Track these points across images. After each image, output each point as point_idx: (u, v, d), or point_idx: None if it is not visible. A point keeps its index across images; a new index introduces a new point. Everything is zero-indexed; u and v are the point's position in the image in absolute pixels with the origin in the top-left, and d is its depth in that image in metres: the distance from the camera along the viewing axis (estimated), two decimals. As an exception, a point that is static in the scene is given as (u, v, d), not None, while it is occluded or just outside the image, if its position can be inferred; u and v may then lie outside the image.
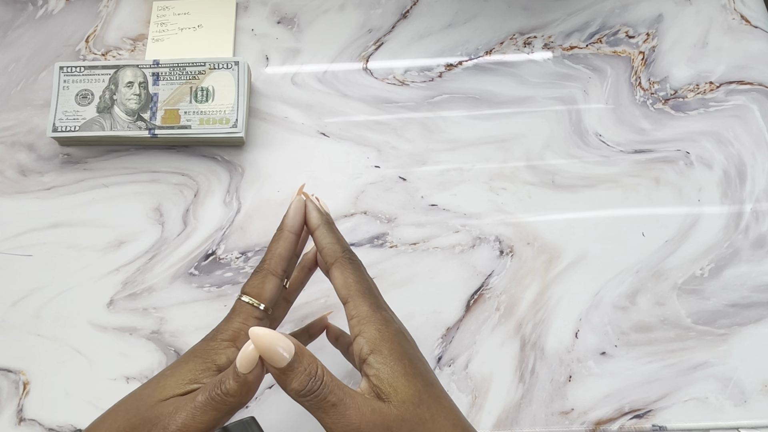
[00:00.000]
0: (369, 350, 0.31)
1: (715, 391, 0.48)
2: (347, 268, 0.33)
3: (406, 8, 0.61)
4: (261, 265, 0.36)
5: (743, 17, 0.61)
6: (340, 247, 0.34)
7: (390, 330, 0.32)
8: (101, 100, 0.53)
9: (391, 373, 0.30)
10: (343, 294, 0.33)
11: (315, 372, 0.29)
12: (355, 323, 0.32)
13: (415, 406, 0.30)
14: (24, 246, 0.52)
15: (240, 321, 0.34)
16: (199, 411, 0.30)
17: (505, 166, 0.55)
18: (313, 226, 0.35)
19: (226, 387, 0.30)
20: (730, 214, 0.53)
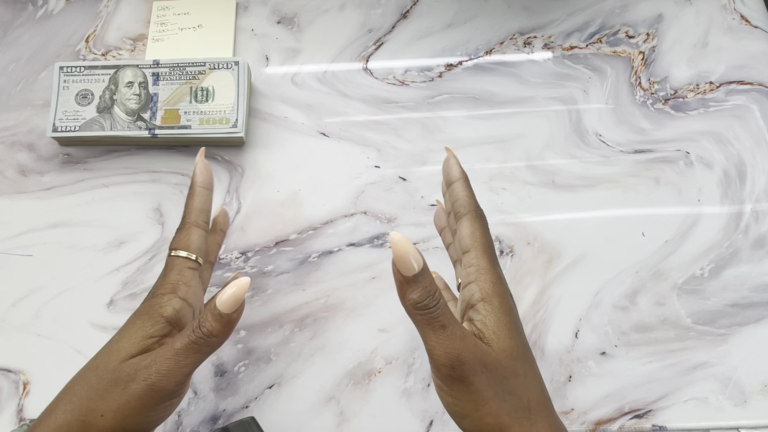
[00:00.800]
0: (480, 297, 0.32)
1: (715, 391, 0.48)
2: (477, 222, 0.35)
3: (406, 8, 0.61)
4: (183, 221, 0.38)
5: (743, 17, 0.61)
6: (474, 202, 0.36)
7: (503, 287, 0.33)
8: (101, 100, 0.53)
9: (497, 323, 0.31)
10: (467, 243, 0.34)
11: (434, 292, 0.31)
12: (472, 271, 0.33)
13: (513, 358, 0.31)
14: (24, 246, 0.52)
15: (175, 273, 0.36)
16: (181, 355, 0.32)
17: (505, 166, 0.55)
18: (454, 178, 0.37)
19: (209, 329, 0.33)
20: (730, 214, 0.53)
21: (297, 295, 0.50)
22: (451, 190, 0.37)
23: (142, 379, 0.32)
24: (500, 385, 0.30)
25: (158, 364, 0.32)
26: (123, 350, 0.33)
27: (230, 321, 0.33)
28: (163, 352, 0.33)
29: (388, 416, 0.47)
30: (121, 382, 0.32)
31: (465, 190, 0.36)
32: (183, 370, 0.33)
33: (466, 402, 0.31)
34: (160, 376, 0.32)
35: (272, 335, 0.49)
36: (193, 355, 0.33)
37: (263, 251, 0.52)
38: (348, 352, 0.49)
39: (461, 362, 0.30)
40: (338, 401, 0.47)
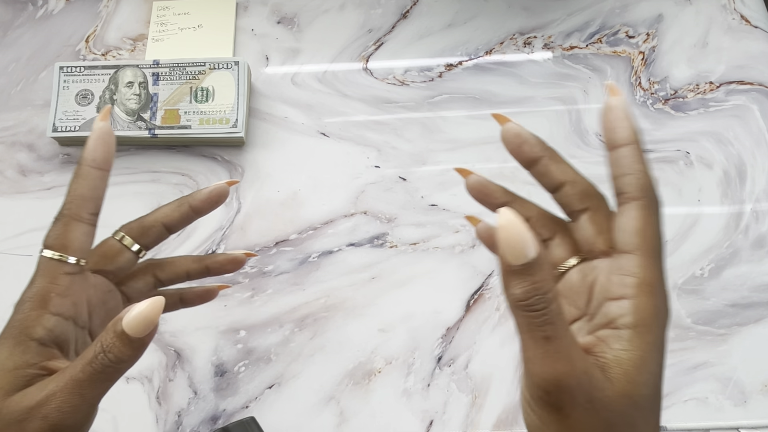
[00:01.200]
0: (632, 323, 0.25)
1: (715, 391, 0.48)
2: (651, 213, 0.26)
3: (406, 8, 0.61)
4: (61, 211, 0.29)
5: (743, 17, 0.61)
6: (652, 184, 0.26)
7: (665, 315, 0.26)
8: (101, 100, 0.53)
9: (637, 363, 0.24)
10: (632, 242, 0.26)
11: (546, 291, 0.23)
12: (632, 283, 0.25)
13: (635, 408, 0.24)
14: (24, 246, 0.52)
15: (46, 281, 0.28)
16: (86, 387, 0.26)
17: (505, 166, 0.55)
18: (622, 141, 0.27)
19: (117, 355, 0.26)
20: (730, 214, 0.53)
21: (297, 295, 0.50)
22: (616, 157, 0.28)
23: (39, 418, 0.26)
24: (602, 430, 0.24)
25: (59, 400, 0.26)
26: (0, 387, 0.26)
27: (142, 344, 0.27)
28: (61, 384, 0.26)
29: (388, 416, 0.47)
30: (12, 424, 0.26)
31: (639, 161, 0.27)
32: (89, 402, 0.27)
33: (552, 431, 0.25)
34: (63, 414, 0.26)
35: (272, 335, 0.49)
36: (100, 385, 0.27)
37: (263, 251, 0.52)
38: (348, 352, 0.49)
39: (560, 388, 0.23)
40: (338, 401, 0.47)
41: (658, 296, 0.25)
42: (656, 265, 0.25)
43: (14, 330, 0.28)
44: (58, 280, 0.28)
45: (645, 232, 0.26)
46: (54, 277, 0.28)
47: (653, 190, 0.26)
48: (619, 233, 0.26)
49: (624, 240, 0.26)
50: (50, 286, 0.28)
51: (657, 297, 0.25)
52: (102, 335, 0.26)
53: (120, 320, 0.26)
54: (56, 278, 0.28)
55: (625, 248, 0.26)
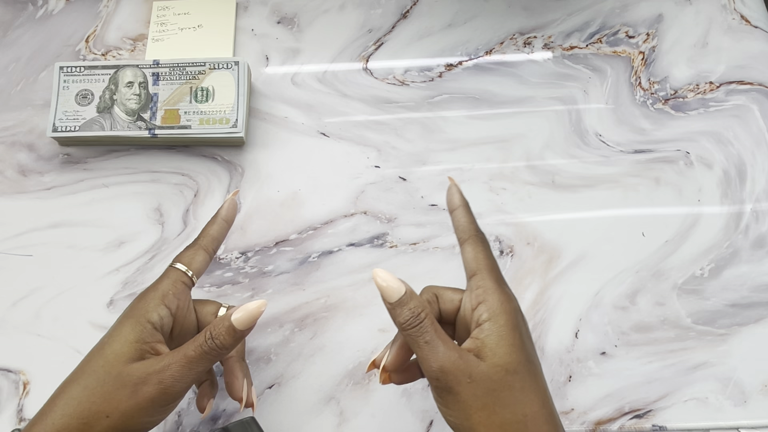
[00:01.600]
0: (487, 317, 0.34)
1: (715, 391, 0.48)
2: (479, 245, 0.37)
3: (406, 8, 0.61)
4: (196, 241, 0.40)
5: (743, 17, 0.61)
6: (475, 227, 0.38)
7: (510, 305, 0.34)
8: (101, 100, 0.53)
9: (498, 341, 0.33)
10: (472, 266, 0.36)
11: (418, 312, 0.34)
12: (480, 293, 0.35)
13: (508, 372, 0.32)
14: (24, 246, 0.52)
15: (169, 283, 0.38)
16: (194, 362, 0.35)
17: (505, 166, 0.55)
18: (455, 205, 0.39)
19: (222, 341, 0.35)
20: (730, 214, 0.53)
21: (297, 295, 0.50)
22: (453, 217, 0.39)
23: (155, 383, 0.34)
24: (489, 397, 0.32)
25: (172, 370, 0.34)
26: (121, 354, 0.35)
27: (242, 336, 0.36)
28: (176, 358, 0.35)
29: (388, 416, 0.47)
30: (128, 384, 0.34)
31: (466, 216, 0.38)
32: (193, 376, 0.35)
33: (456, 411, 0.32)
34: (174, 381, 0.34)
35: (272, 335, 0.49)
36: (204, 363, 0.35)
37: (263, 251, 0.52)
38: (348, 352, 0.49)
39: (444, 372, 0.32)
40: (338, 401, 0.47)
41: (501, 293, 0.35)
42: (493, 276, 0.35)
43: (136, 312, 0.36)
44: (178, 286, 0.38)
45: (477, 258, 0.36)
46: (175, 282, 0.38)
47: (477, 231, 0.37)
48: (465, 264, 0.37)
49: (469, 267, 0.36)
50: (171, 287, 0.38)
51: (500, 294, 0.34)
52: (211, 326, 0.36)
53: (229, 316, 0.36)
54: (176, 283, 0.38)
55: (471, 272, 0.36)
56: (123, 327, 0.36)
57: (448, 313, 0.38)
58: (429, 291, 0.38)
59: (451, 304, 0.37)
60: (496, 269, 0.36)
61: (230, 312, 0.36)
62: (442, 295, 0.38)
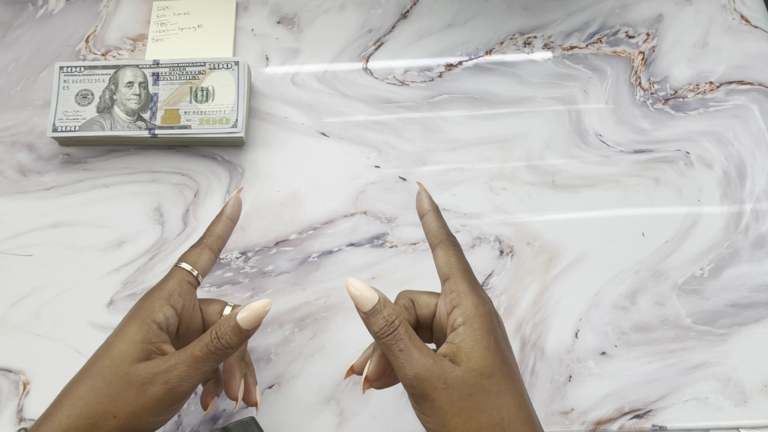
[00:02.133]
0: (462, 321, 0.34)
1: (715, 391, 0.48)
2: (450, 249, 0.36)
3: (406, 8, 0.61)
4: (201, 240, 0.40)
5: (743, 17, 0.61)
6: (445, 231, 0.37)
7: (485, 308, 0.34)
8: (101, 100, 0.53)
9: (473, 344, 0.33)
10: (445, 271, 0.36)
11: (391, 321, 0.34)
12: (454, 297, 0.34)
13: (483, 377, 0.32)
14: (24, 246, 0.52)
15: (175, 283, 0.38)
16: (200, 362, 0.35)
17: (505, 166, 0.55)
18: (425, 210, 0.39)
19: (228, 341, 0.36)
20: (730, 214, 0.53)
21: (297, 295, 0.50)
22: (423, 222, 0.39)
23: (162, 383, 0.34)
24: (465, 402, 0.32)
25: (179, 370, 0.35)
26: (127, 354, 0.35)
27: (248, 336, 0.36)
28: (182, 358, 0.35)
29: (388, 416, 0.47)
30: (135, 384, 0.34)
31: (436, 220, 0.38)
32: (199, 375, 0.35)
33: (433, 417, 0.32)
34: (181, 380, 0.35)
35: (272, 335, 0.49)
36: (210, 363, 0.36)
37: (263, 251, 0.52)
38: (348, 352, 0.49)
39: (419, 380, 0.32)
40: (338, 401, 0.47)
41: (475, 296, 0.34)
42: (466, 279, 0.35)
43: (141, 312, 0.36)
44: (183, 285, 0.38)
45: (450, 262, 0.36)
46: (181, 282, 0.38)
47: (448, 236, 0.37)
48: (437, 269, 0.37)
49: (441, 272, 0.36)
50: (177, 287, 0.38)
51: (474, 297, 0.34)
52: (217, 325, 0.36)
53: (235, 315, 0.36)
54: (182, 283, 0.38)
55: (444, 277, 0.36)
56: (129, 327, 0.36)
57: (425, 318, 0.37)
58: (405, 296, 0.38)
59: (427, 309, 0.37)
60: (468, 272, 0.36)
61: (236, 311, 0.36)
62: (417, 300, 0.37)
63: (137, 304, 0.37)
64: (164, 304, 0.37)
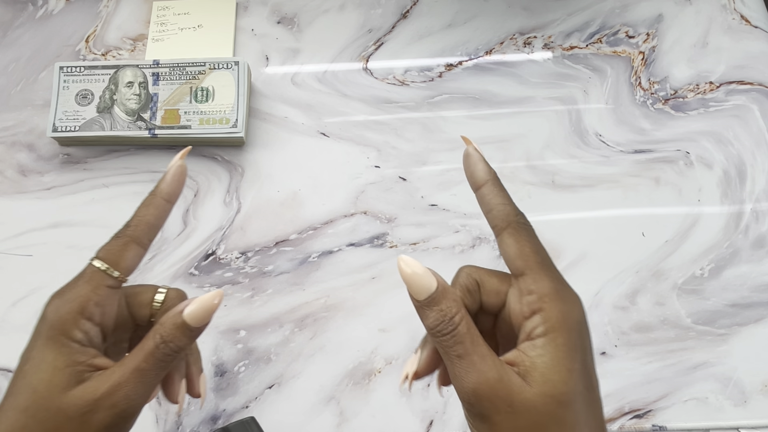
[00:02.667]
0: (543, 332, 0.27)
1: (715, 391, 0.48)
2: (522, 234, 0.29)
3: (406, 8, 0.61)
4: (124, 230, 0.32)
5: (743, 17, 0.61)
6: (513, 209, 0.29)
7: (574, 316, 0.27)
8: (101, 100, 0.53)
9: (553, 364, 0.26)
10: (518, 265, 0.28)
11: (450, 316, 0.27)
12: (534, 299, 0.27)
13: (560, 405, 0.26)
14: (24, 246, 0.52)
15: (88, 290, 0.30)
16: (149, 374, 0.29)
17: (505, 166, 0.55)
18: (480, 181, 0.30)
19: (177, 344, 0.29)
20: (730, 214, 0.53)
21: (297, 295, 0.50)
22: (479, 196, 0.30)
23: (107, 408, 0.28)
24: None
25: (126, 389, 0.28)
26: (54, 384, 0.28)
27: (198, 333, 0.30)
28: (126, 374, 0.29)
29: (388, 416, 0.47)
30: (74, 417, 0.28)
31: (498, 194, 0.29)
32: (150, 388, 0.29)
33: None
34: (129, 400, 0.28)
35: (272, 335, 0.49)
36: (160, 371, 0.29)
37: (263, 251, 0.52)
38: (348, 352, 0.49)
39: (478, 397, 0.26)
40: (338, 401, 0.47)
41: (563, 300, 0.27)
42: (548, 275, 0.28)
43: (53, 331, 0.29)
44: (99, 290, 0.30)
45: (524, 253, 0.28)
46: (96, 287, 0.30)
47: (517, 215, 0.29)
48: (507, 262, 0.29)
49: (513, 266, 0.29)
50: (91, 294, 0.30)
51: (561, 302, 0.27)
52: (158, 328, 0.29)
53: (179, 313, 0.29)
54: (98, 288, 0.30)
55: (517, 272, 0.28)
56: (45, 352, 0.29)
57: (491, 306, 0.30)
58: (468, 275, 0.31)
59: (496, 297, 0.30)
60: (549, 265, 0.28)
61: (180, 307, 0.29)
62: (485, 283, 0.30)
63: (45, 320, 0.30)
64: (78, 318, 0.29)
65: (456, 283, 0.31)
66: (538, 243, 0.29)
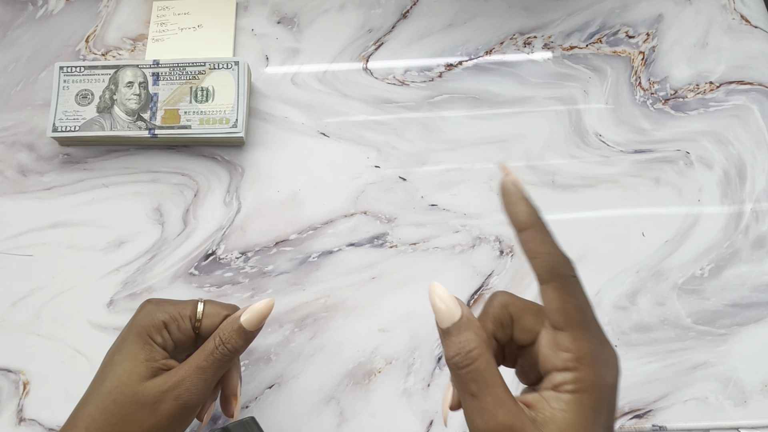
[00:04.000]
0: (572, 390, 0.26)
1: (715, 391, 0.48)
2: (568, 290, 0.27)
3: (406, 8, 0.61)
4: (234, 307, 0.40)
5: (743, 17, 0.61)
6: (560, 260, 0.28)
7: (607, 380, 0.26)
8: (101, 100, 0.53)
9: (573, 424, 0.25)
10: (558, 320, 0.27)
11: (468, 350, 0.26)
12: (569, 358, 0.26)
13: None
14: (24, 246, 0.52)
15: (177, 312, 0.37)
16: (209, 372, 0.35)
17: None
18: (522, 225, 0.28)
19: (234, 345, 0.36)
20: (730, 214, 0.53)
21: (297, 295, 0.50)
22: (521, 239, 0.28)
23: (172, 399, 0.34)
24: None
25: (187, 383, 0.35)
26: (134, 374, 0.35)
27: (252, 337, 0.37)
28: (189, 371, 0.35)
29: (388, 416, 0.47)
30: (146, 404, 0.34)
31: (543, 242, 0.28)
32: (209, 385, 0.36)
33: None
34: (191, 394, 0.35)
35: (272, 335, 0.49)
36: (218, 370, 0.36)
37: (263, 251, 0.52)
38: (348, 352, 0.49)
39: None
40: (338, 401, 0.47)
41: (599, 364, 0.26)
42: (588, 336, 0.27)
43: (142, 329, 0.36)
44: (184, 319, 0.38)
45: (566, 310, 0.27)
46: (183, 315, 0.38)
47: (563, 267, 0.27)
48: (547, 312, 0.27)
49: (553, 319, 0.27)
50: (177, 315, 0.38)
51: (596, 365, 0.26)
52: (219, 332, 0.36)
53: (237, 318, 0.36)
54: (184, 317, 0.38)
55: (557, 326, 0.27)
56: (133, 345, 0.36)
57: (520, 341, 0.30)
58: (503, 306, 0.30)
59: (527, 335, 0.29)
60: (591, 324, 0.27)
61: (238, 314, 0.37)
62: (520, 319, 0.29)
63: (138, 320, 0.37)
64: (162, 327, 0.37)
65: (487, 314, 0.30)
66: (584, 298, 0.27)
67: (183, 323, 0.38)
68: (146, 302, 0.39)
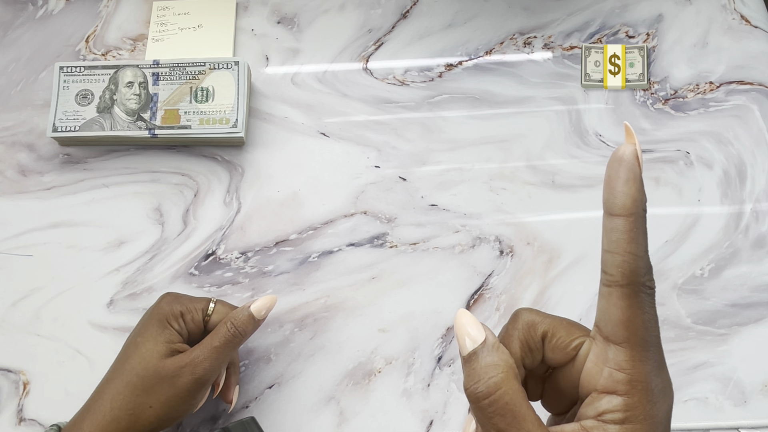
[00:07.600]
0: (620, 419, 0.23)
1: (715, 391, 0.48)
2: (639, 301, 0.23)
3: (406, 8, 0.61)
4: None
5: (743, 17, 0.61)
6: (643, 266, 0.23)
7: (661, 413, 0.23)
8: (101, 100, 0.53)
9: None
10: (619, 333, 0.23)
11: (487, 379, 0.23)
12: (623, 379, 0.23)
13: None
14: (24, 246, 0.52)
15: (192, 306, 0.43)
16: (220, 351, 0.41)
17: (505, 166, 0.55)
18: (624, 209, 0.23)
19: (244, 329, 0.42)
20: (730, 214, 0.53)
21: (297, 295, 0.50)
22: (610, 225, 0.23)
23: (189, 374, 0.40)
24: None
25: (202, 360, 0.40)
26: (155, 352, 0.40)
27: (258, 324, 0.43)
28: (205, 350, 0.40)
29: (388, 416, 0.47)
30: (166, 378, 0.39)
31: (633, 241, 0.23)
32: (220, 363, 0.41)
33: None
34: (205, 370, 0.40)
35: (272, 335, 0.49)
36: (229, 350, 0.41)
37: (263, 251, 0.52)
38: (348, 352, 0.49)
39: None
40: (338, 401, 0.47)
41: (653, 392, 0.23)
42: (649, 357, 0.23)
43: (162, 316, 0.42)
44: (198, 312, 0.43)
45: (632, 324, 0.23)
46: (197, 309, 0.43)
47: (644, 275, 0.23)
48: (603, 320, 0.24)
49: (610, 330, 0.24)
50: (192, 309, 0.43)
51: (652, 393, 0.23)
52: (231, 317, 0.42)
53: (247, 307, 0.42)
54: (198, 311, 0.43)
55: (613, 339, 0.23)
56: (154, 329, 0.41)
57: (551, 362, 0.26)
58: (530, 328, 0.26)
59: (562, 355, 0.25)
60: (654, 346, 0.23)
61: (248, 303, 0.43)
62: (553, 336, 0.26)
63: (159, 307, 0.42)
64: (179, 316, 0.42)
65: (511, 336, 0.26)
66: (654, 317, 0.23)
67: (197, 315, 0.43)
68: (166, 294, 0.43)
